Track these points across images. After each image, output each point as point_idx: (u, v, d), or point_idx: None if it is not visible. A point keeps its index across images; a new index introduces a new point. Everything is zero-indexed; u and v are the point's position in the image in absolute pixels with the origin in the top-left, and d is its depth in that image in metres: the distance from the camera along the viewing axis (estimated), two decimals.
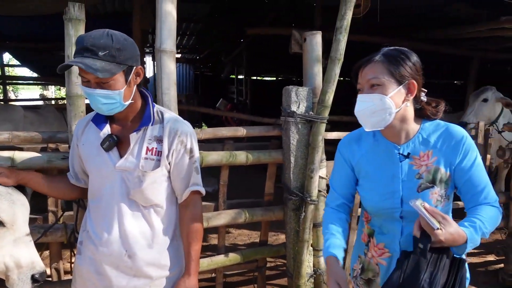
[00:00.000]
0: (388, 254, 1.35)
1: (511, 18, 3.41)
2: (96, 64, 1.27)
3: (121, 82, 1.34)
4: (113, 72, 1.30)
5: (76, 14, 1.69)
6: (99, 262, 1.46)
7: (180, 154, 1.45)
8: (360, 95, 1.28)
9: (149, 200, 1.45)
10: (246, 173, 3.45)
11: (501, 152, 3.03)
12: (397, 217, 1.31)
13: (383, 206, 1.32)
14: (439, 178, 1.28)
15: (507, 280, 3.03)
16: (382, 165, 1.33)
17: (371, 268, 1.39)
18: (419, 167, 1.29)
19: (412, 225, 1.26)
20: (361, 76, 1.30)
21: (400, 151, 1.31)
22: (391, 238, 1.34)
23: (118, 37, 1.33)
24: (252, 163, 2.24)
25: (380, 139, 1.35)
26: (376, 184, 1.33)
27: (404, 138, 1.32)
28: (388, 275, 1.30)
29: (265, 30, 5.85)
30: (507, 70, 7.34)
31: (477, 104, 3.88)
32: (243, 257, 2.35)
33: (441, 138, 1.29)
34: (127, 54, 1.33)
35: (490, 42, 5.45)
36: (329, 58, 2.09)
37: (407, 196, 1.28)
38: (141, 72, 1.40)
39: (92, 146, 1.46)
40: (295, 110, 2.17)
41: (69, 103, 1.76)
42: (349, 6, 2.03)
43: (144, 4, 4.87)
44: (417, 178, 1.29)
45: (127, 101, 1.39)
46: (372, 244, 1.38)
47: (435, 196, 1.28)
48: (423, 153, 1.30)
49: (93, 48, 1.29)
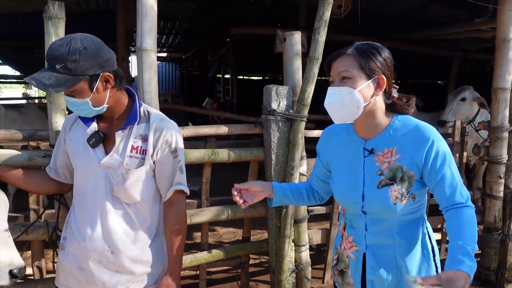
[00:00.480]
0: (355, 248, 1.36)
1: (484, 20, 3.52)
2: (51, 78, 1.29)
3: (86, 91, 1.35)
4: (69, 85, 1.30)
5: (56, 13, 1.70)
6: (82, 258, 1.48)
7: (164, 153, 1.47)
8: (330, 88, 1.28)
9: (133, 198, 1.47)
10: (229, 170, 3.48)
11: (476, 149, 3.13)
12: (359, 211, 1.32)
13: (347, 198, 1.35)
14: (400, 176, 1.26)
15: (483, 273, 3.13)
16: (349, 159, 1.35)
17: (343, 260, 1.42)
18: (381, 163, 1.29)
19: (378, 221, 1.31)
20: (332, 69, 1.29)
21: (366, 146, 1.32)
22: (358, 232, 1.35)
23: (76, 47, 1.30)
24: (233, 160, 2.28)
25: (351, 134, 1.37)
26: (342, 177, 1.36)
27: (372, 134, 1.31)
28: (357, 268, 1.35)
29: (250, 29, 5.89)
30: (486, 70, 7.54)
31: (455, 103, 3.99)
32: (226, 253, 2.39)
33: (407, 136, 1.27)
34: (85, 65, 1.30)
35: (469, 43, 5.61)
36: (308, 58, 2.14)
37: (368, 191, 1.29)
38: (110, 78, 1.38)
39: (78, 142, 1.48)
40: (275, 109, 2.21)
41: (49, 101, 1.77)
42: (327, 8, 2.08)
43: (128, 2, 4.86)
44: (379, 174, 1.28)
45: (100, 106, 1.40)
46: (345, 237, 1.41)
47: (394, 194, 1.26)
48: (388, 150, 1.28)
49: (51, 61, 1.31)
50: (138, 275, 1.50)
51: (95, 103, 1.38)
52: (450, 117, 3.91)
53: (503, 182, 2.99)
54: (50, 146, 1.79)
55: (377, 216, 1.30)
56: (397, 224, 1.29)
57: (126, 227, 1.48)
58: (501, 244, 3.05)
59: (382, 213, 1.29)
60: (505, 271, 3.04)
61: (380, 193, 1.27)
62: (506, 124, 2.92)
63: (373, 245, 1.32)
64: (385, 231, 1.30)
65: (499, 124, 2.92)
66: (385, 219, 1.29)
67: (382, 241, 1.31)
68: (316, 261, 2.64)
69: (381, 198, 1.26)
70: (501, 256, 3.06)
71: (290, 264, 2.37)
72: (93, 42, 1.35)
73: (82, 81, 1.32)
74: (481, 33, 4.28)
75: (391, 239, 1.30)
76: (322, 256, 3.13)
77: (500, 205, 3.02)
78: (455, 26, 4.30)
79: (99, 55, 1.34)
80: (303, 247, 2.41)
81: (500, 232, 3.03)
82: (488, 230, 3.07)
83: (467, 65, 7.28)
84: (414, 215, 1.30)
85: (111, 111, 1.46)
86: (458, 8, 4.77)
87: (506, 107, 2.92)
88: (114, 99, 1.44)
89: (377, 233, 1.31)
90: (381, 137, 1.30)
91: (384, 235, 1.30)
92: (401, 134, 1.28)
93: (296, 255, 2.41)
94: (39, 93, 15.15)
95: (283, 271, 2.32)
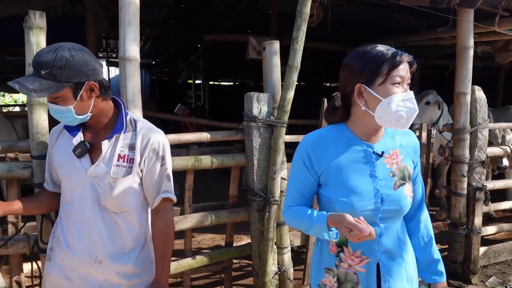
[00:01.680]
0: (366, 261, 1.30)
1: (445, 30, 3.77)
2: (35, 83, 1.29)
3: (69, 98, 1.36)
4: (52, 91, 1.31)
5: (37, 22, 1.68)
6: (70, 268, 1.47)
7: (152, 161, 1.48)
8: (412, 92, 1.24)
9: (120, 206, 1.48)
10: (206, 176, 3.51)
11: (441, 150, 3.33)
12: (377, 219, 1.27)
13: (364, 208, 1.25)
14: (407, 175, 1.32)
15: (450, 266, 3.32)
16: (356, 165, 1.28)
17: (349, 279, 1.32)
18: (391, 165, 1.30)
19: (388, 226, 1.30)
20: (403, 69, 1.23)
21: (374, 149, 1.30)
22: (368, 243, 1.27)
23: (63, 54, 1.31)
24: (216, 166, 2.31)
25: (353, 139, 1.31)
26: (353, 185, 1.26)
27: (376, 138, 1.31)
28: (368, 281, 1.30)
29: (222, 36, 5.94)
30: (445, 75, 8.00)
31: (420, 106, 4.23)
32: (210, 259, 2.41)
33: (404, 139, 1.35)
34: (71, 72, 1.32)
35: (430, 50, 5.94)
36: (287, 66, 2.22)
37: (386, 194, 1.27)
38: (95, 87, 1.39)
39: (64, 153, 1.47)
40: (256, 115, 2.28)
41: (30, 111, 1.73)
42: (304, 18, 2.17)
43: (97, 9, 4.77)
44: (391, 176, 1.29)
45: (83, 114, 1.40)
46: (348, 253, 1.32)
47: (409, 192, 1.31)
48: (392, 151, 1.32)
49: (37, 66, 1.32)
50: (127, 284, 1.51)
51: (78, 111, 1.39)
52: (416, 120, 4.10)
53: (466, 180, 3.20)
54: (32, 157, 1.75)
55: (390, 219, 1.30)
56: (399, 225, 1.35)
57: (114, 236, 1.48)
58: (466, 238, 3.26)
59: (397, 215, 1.31)
60: (470, 264, 3.25)
61: (398, 193, 1.28)
62: (467, 126, 3.14)
63: (385, 252, 1.31)
64: (392, 234, 1.32)
65: (462, 126, 3.14)
66: (394, 222, 1.32)
67: (391, 244, 1.32)
68: (296, 263, 2.71)
69: (401, 198, 1.29)
70: (466, 249, 3.27)
71: (273, 267, 2.43)
72: (80, 51, 1.37)
73: (66, 88, 1.33)
74: (442, 40, 4.56)
75: (396, 241, 1.33)
76: (301, 257, 3.21)
77: (464, 201, 3.22)
78: (419, 34, 4.55)
79: (85, 64, 1.35)
80: (285, 249, 2.48)
81: (465, 227, 3.24)
82: (454, 226, 3.27)
83: (427, 70, 7.68)
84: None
85: (96, 120, 1.46)
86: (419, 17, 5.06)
87: (467, 110, 3.14)
88: (98, 108, 1.44)
89: (387, 238, 1.31)
90: (384, 140, 1.33)
91: (392, 237, 1.32)
92: (399, 137, 1.35)
93: (279, 257, 2.47)
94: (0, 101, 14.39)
95: (267, 273, 2.37)
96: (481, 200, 3.22)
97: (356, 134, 1.31)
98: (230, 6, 6.02)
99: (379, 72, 1.21)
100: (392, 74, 1.21)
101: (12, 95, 15.63)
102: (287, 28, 5.43)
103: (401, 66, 1.22)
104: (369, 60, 1.23)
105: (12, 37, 5.81)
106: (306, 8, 2.16)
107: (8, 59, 6.89)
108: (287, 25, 5.35)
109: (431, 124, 4.15)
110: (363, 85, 1.24)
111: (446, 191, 3.38)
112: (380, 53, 1.23)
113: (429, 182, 3.74)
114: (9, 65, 7.41)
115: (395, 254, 1.33)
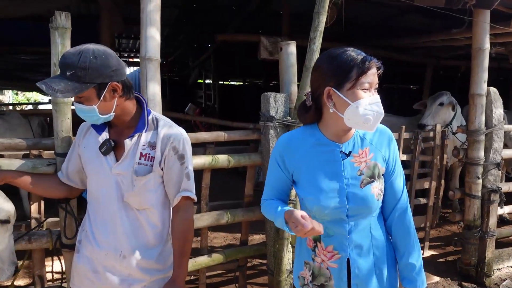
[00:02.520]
0: (338, 256, 1.35)
1: (460, 30, 3.75)
2: (60, 84, 1.34)
3: (93, 99, 1.40)
4: (77, 91, 1.35)
5: (63, 23, 1.72)
6: (96, 261, 1.51)
7: (172, 159, 1.50)
8: (378, 97, 1.28)
9: (142, 204, 1.51)
10: (219, 176, 3.55)
11: (456, 151, 3.32)
12: (344, 216, 1.32)
13: (329, 205, 1.31)
14: (377, 173, 1.35)
15: (464, 269, 3.32)
16: (324, 164, 1.34)
17: (322, 273, 1.38)
18: (359, 164, 1.34)
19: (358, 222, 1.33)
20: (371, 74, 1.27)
21: (342, 149, 1.35)
22: (339, 239, 1.34)
23: (87, 56, 1.35)
24: (233, 166, 2.34)
25: (322, 139, 1.36)
26: (319, 183, 1.33)
27: (345, 137, 1.36)
28: (340, 276, 1.35)
29: (234, 36, 5.96)
30: (457, 76, 7.94)
31: (434, 107, 4.21)
32: (226, 257, 2.44)
33: (375, 136, 1.38)
34: (94, 74, 1.36)
35: (442, 50, 5.91)
36: (303, 67, 2.24)
37: (352, 192, 1.32)
38: (117, 87, 1.42)
39: (91, 150, 1.52)
40: (273, 115, 2.30)
41: (55, 109, 1.77)
42: (321, 19, 2.19)
43: (112, 8, 4.82)
44: (359, 174, 1.34)
45: (107, 114, 1.44)
46: (321, 248, 1.37)
47: (376, 190, 1.34)
48: (362, 151, 1.36)
49: (62, 67, 1.37)
50: (150, 279, 1.54)
51: (102, 110, 1.43)
52: (429, 121, 4.12)
53: (481, 182, 3.19)
54: (55, 154, 1.80)
55: (359, 217, 1.34)
56: (372, 221, 1.37)
57: (137, 232, 1.52)
58: (480, 241, 3.24)
59: (365, 212, 1.34)
60: (483, 266, 3.23)
61: (365, 191, 1.32)
62: (482, 127, 3.13)
63: (355, 248, 1.35)
64: (363, 230, 1.36)
65: (477, 127, 3.12)
66: (364, 219, 1.35)
67: (362, 240, 1.35)
68: None
69: (367, 196, 1.32)
70: (480, 252, 3.25)
71: (287, 266, 2.45)
72: (104, 52, 1.40)
73: (90, 88, 1.37)
74: (455, 41, 4.53)
75: (368, 237, 1.36)
76: None
77: (478, 204, 3.21)
78: (432, 35, 4.53)
79: (108, 65, 1.39)
80: None
81: (479, 229, 3.22)
82: (468, 228, 3.26)
83: (439, 71, 7.63)
84: (380, 209, 1.40)
85: (120, 119, 1.50)
86: (431, 17, 5.04)
87: (483, 112, 3.13)
88: (121, 108, 1.47)
89: (357, 234, 1.35)
90: (353, 139, 1.37)
91: (363, 235, 1.35)
92: (369, 135, 1.38)
93: (293, 256, 2.48)
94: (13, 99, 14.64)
95: (282, 272, 2.39)
96: (495, 202, 3.21)
97: (326, 135, 1.36)
98: (241, 6, 6.05)
99: (349, 77, 1.25)
100: (360, 80, 1.25)
101: (25, 93, 15.86)
102: (298, 28, 5.45)
103: (370, 72, 1.26)
104: (339, 65, 1.27)
105: (26, 36, 5.93)
106: (323, 9, 2.18)
107: (23, 58, 6.99)
108: (298, 25, 5.37)
109: (444, 125, 4.13)
110: (332, 88, 1.28)
111: (460, 193, 3.37)
112: (350, 58, 1.26)
113: (442, 184, 3.72)
114: (22, 64, 7.52)
115: (366, 251, 1.36)
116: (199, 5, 5.99)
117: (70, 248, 1.86)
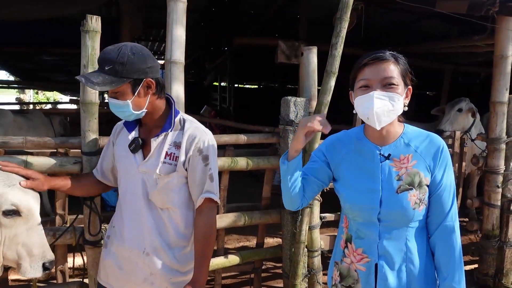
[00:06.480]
0: (367, 260, 1.32)
1: (482, 37, 3.71)
2: (99, 77, 1.41)
3: (128, 93, 1.45)
4: (114, 85, 1.41)
5: (93, 26, 1.77)
6: (121, 257, 1.55)
7: (196, 160, 1.52)
8: (379, 92, 1.24)
9: (164, 203, 1.54)
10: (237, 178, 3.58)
11: (475, 160, 3.28)
12: (375, 218, 1.30)
13: (361, 203, 1.32)
14: (417, 181, 1.30)
15: (481, 279, 3.26)
16: (363, 164, 1.35)
17: (350, 275, 1.37)
18: (399, 169, 1.31)
19: (390, 229, 1.29)
20: (368, 72, 1.26)
21: (381, 152, 1.33)
22: (369, 243, 1.32)
23: (125, 52, 1.41)
24: (252, 168, 2.36)
25: (363, 140, 1.38)
26: (356, 181, 1.34)
27: (387, 140, 1.34)
28: (368, 281, 1.32)
29: (252, 40, 6.02)
30: (476, 82, 7.83)
31: (453, 113, 4.16)
32: (242, 259, 2.46)
33: (422, 144, 1.33)
34: (131, 69, 1.41)
35: (460, 57, 5.84)
36: (325, 72, 2.25)
37: (387, 196, 1.29)
38: (152, 84, 1.47)
39: (122, 148, 1.57)
40: (293, 119, 2.31)
41: (83, 109, 1.83)
42: (344, 25, 2.20)
43: (133, 11, 4.93)
44: (397, 179, 1.30)
45: (139, 110, 1.49)
46: (351, 250, 1.37)
47: (413, 199, 1.29)
48: (404, 156, 1.32)
49: (101, 62, 1.44)
50: (171, 279, 1.55)
51: (135, 106, 1.47)
52: (447, 127, 4.07)
53: (500, 191, 3.13)
54: (82, 153, 1.85)
55: (392, 223, 1.30)
56: (408, 232, 1.31)
57: (161, 231, 1.54)
58: (498, 251, 3.19)
59: (398, 219, 1.30)
60: (502, 277, 3.17)
61: (400, 198, 1.28)
62: (503, 136, 3.08)
63: (385, 255, 1.31)
64: (396, 239, 1.31)
65: (497, 136, 3.08)
66: (398, 227, 1.31)
67: (394, 250, 1.31)
68: (324, 267, 2.72)
69: (401, 203, 1.28)
70: (498, 262, 3.20)
71: (303, 269, 2.45)
72: (141, 50, 1.47)
73: (126, 83, 1.43)
74: (475, 48, 4.48)
75: (402, 249, 1.31)
76: (326, 262, 3.22)
77: (497, 213, 3.16)
78: (452, 41, 4.50)
79: (144, 62, 1.45)
80: (315, 252, 2.50)
81: (498, 239, 3.17)
82: (486, 237, 3.21)
83: (458, 77, 7.54)
84: (422, 223, 1.34)
85: (150, 117, 1.54)
86: (450, 23, 4.99)
87: (504, 120, 3.08)
88: (153, 105, 1.52)
89: (389, 242, 1.31)
90: (396, 144, 1.34)
91: (396, 243, 1.31)
92: (416, 142, 1.33)
93: (309, 260, 2.49)
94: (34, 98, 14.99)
95: (297, 275, 2.40)
96: None
97: (367, 136, 1.39)
98: (259, 10, 6.10)
99: (353, 77, 1.33)
100: (358, 79, 1.30)
101: (45, 93, 16.23)
102: (315, 32, 5.46)
103: (368, 68, 1.27)
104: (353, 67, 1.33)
105: (49, 38, 6.09)
106: (346, 15, 2.18)
107: (46, 58, 7.19)
108: (315, 30, 5.38)
109: (463, 132, 4.08)
110: (350, 90, 1.36)
111: (479, 201, 3.32)
112: (358, 60, 1.31)
113: (460, 192, 3.67)
114: (45, 64, 7.73)
115: (398, 262, 1.31)
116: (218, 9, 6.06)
117: (92, 245, 1.92)
